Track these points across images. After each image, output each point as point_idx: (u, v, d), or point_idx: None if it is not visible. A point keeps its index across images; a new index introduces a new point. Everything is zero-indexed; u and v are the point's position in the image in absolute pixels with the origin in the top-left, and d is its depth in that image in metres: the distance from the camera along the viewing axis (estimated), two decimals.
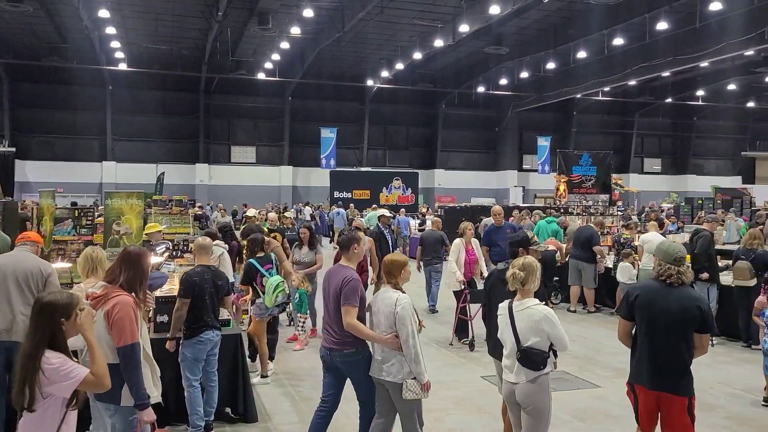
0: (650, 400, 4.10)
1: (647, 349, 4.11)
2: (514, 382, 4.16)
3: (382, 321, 4.38)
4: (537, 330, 4.08)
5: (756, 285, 8.70)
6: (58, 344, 2.99)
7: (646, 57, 23.97)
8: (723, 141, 41.90)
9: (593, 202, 16.68)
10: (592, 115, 38.00)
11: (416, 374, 4.26)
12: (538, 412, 4.12)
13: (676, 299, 4.04)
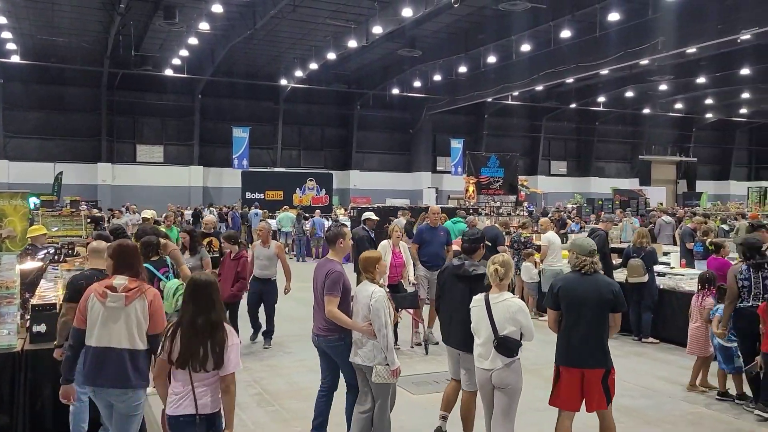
0: (574, 378, 4.58)
1: (571, 332, 4.63)
2: (489, 369, 4.58)
3: (361, 311, 4.81)
4: (513, 320, 4.50)
5: (648, 281, 9.17)
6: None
7: (552, 63, 24.89)
8: (622, 145, 44.26)
9: (501, 202, 17.27)
10: (503, 119, 39.17)
11: (389, 361, 4.67)
12: (514, 392, 4.58)
13: (593, 285, 4.64)
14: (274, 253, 8.74)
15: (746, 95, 34.94)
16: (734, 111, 40.77)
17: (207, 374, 3.59)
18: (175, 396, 3.62)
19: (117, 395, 3.96)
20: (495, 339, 4.50)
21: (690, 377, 7.09)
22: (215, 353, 3.58)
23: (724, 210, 22.52)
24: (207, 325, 3.61)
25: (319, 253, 20.78)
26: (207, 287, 3.71)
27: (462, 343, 4.99)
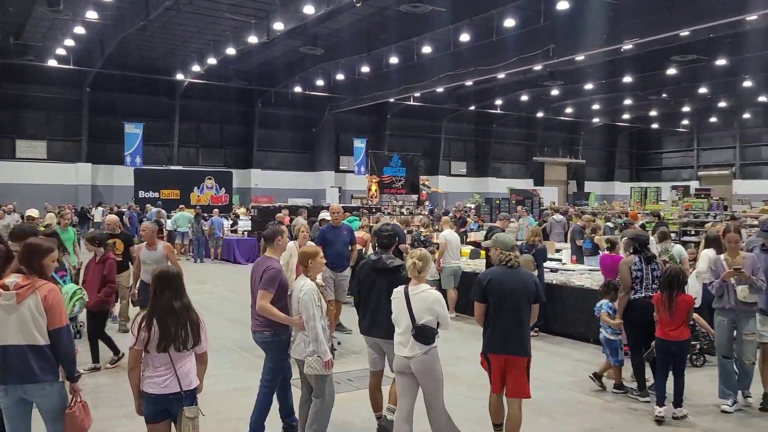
0: (500, 363, 5.03)
1: (497, 322, 5.01)
2: (408, 356, 4.77)
3: (294, 305, 4.96)
4: (431, 310, 4.75)
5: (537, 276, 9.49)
6: None
7: (452, 66, 25.49)
8: (517, 147, 46.16)
9: (403, 201, 17.47)
10: (405, 119, 39.74)
11: (318, 353, 4.78)
12: (434, 377, 4.82)
13: (518, 278, 5.08)
14: (162, 255, 7.99)
15: (628, 102, 37.47)
16: (618, 116, 43.60)
17: (186, 353, 3.99)
18: (159, 378, 3.95)
19: (34, 391, 3.96)
20: (413, 328, 4.72)
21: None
22: (194, 332, 4.00)
23: (610, 209, 23.95)
24: (184, 308, 4.00)
25: (218, 254, 20.16)
26: (177, 276, 4.13)
27: (387, 332, 5.16)
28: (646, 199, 22.73)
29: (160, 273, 4.10)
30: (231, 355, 8.44)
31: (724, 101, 38.27)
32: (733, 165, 45.22)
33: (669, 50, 25.33)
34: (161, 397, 3.94)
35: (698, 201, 18.99)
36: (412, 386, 4.85)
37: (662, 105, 39.38)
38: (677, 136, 48.69)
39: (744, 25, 21.16)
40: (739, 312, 6.20)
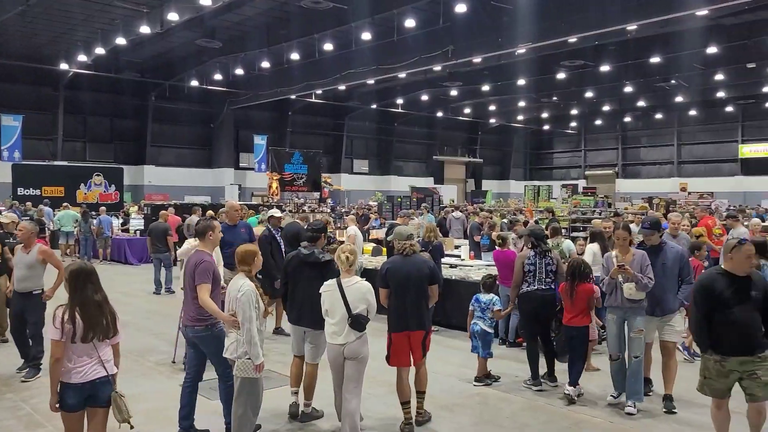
0: (403, 340, 5.63)
1: (399, 304, 5.60)
2: (342, 343, 5.19)
3: (231, 304, 4.95)
4: (364, 299, 5.18)
5: None
6: None
7: (353, 64, 25.51)
8: (418, 146, 46.99)
9: (305, 199, 17.27)
10: (307, 116, 39.38)
11: (251, 355, 4.77)
12: (364, 360, 5.27)
13: (413, 264, 5.69)
14: (36, 259, 7.27)
15: (522, 103, 39.10)
16: (513, 117, 45.41)
17: (106, 342, 4.26)
18: (84, 367, 4.16)
19: None
20: (349, 317, 5.14)
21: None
22: (113, 323, 4.29)
23: (506, 207, 24.89)
24: (104, 300, 4.27)
25: (107, 254, 19.09)
26: (93, 271, 4.35)
27: (314, 322, 5.60)
28: (539, 196, 23.81)
29: (79, 269, 4.28)
30: (120, 361, 7.96)
31: (608, 105, 40.80)
32: (616, 165, 48.36)
33: (559, 55, 26.69)
34: (88, 384, 4.15)
35: (585, 199, 20.12)
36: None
37: (553, 107, 41.45)
38: (567, 137, 51.42)
39: (625, 35, 22.63)
40: (627, 309, 6.23)
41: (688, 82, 32.13)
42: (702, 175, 42.77)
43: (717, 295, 4.74)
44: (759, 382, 4.69)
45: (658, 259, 6.25)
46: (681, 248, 6.62)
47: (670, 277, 6.29)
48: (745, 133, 42.12)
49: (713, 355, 4.80)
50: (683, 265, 6.35)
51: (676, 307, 6.35)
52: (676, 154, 45.24)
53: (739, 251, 4.75)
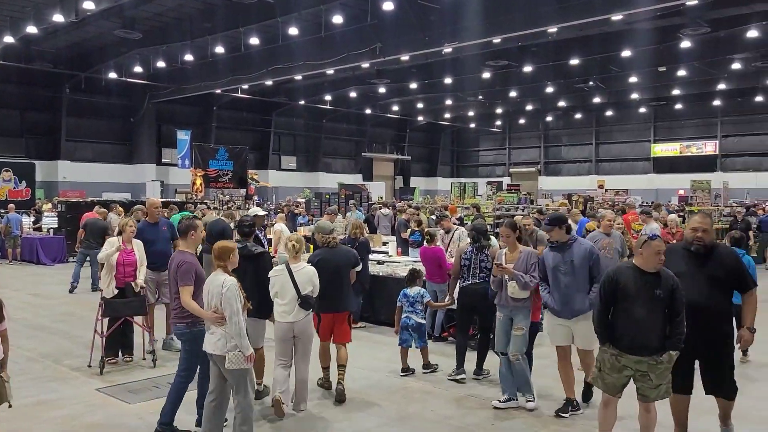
0: (328, 320, 6.44)
1: (327, 289, 6.20)
2: (292, 321, 5.88)
3: (212, 301, 4.99)
4: (311, 282, 5.93)
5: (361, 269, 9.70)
6: None
7: (280, 59, 25.16)
8: (347, 142, 46.96)
9: (231, 196, 16.87)
10: (233, 112, 38.57)
11: (241, 347, 4.87)
12: (311, 336, 6.09)
13: (339, 254, 6.60)
14: None
15: (449, 102, 39.75)
16: (440, 115, 46.10)
17: None
18: None
19: None
20: (299, 298, 5.84)
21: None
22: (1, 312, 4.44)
23: (433, 203, 25.23)
24: None
25: (17, 254, 18.06)
26: None
27: (256, 311, 5.86)
28: (465, 193, 24.28)
29: None
30: (33, 366, 7.59)
31: (530, 105, 42.09)
32: (539, 163, 49.98)
33: (484, 55, 27.28)
34: None
35: (509, 195, 20.67)
36: (289, 349, 6.01)
37: (479, 106, 42.34)
38: (492, 135, 52.69)
39: (546, 37, 23.39)
40: (512, 308, 6.15)
41: (605, 83, 33.58)
42: (618, 173, 44.81)
43: (621, 287, 4.67)
44: (650, 384, 4.65)
45: (566, 257, 5.90)
46: (590, 245, 6.13)
47: (579, 276, 5.88)
48: (657, 134, 44.44)
49: (611, 348, 4.73)
50: (593, 264, 5.91)
51: (585, 308, 5.81)
52: (595, 153, 47.20)
53: (649, 247, 4.67)
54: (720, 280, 4.78)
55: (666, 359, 4.59)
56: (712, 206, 22.47)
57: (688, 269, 4.83)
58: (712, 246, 4.93)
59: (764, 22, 22.08)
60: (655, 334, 4.61)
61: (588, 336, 5.71)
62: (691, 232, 4.93)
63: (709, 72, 29.85)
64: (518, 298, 6.09)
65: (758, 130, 40.35)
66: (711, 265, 4.82)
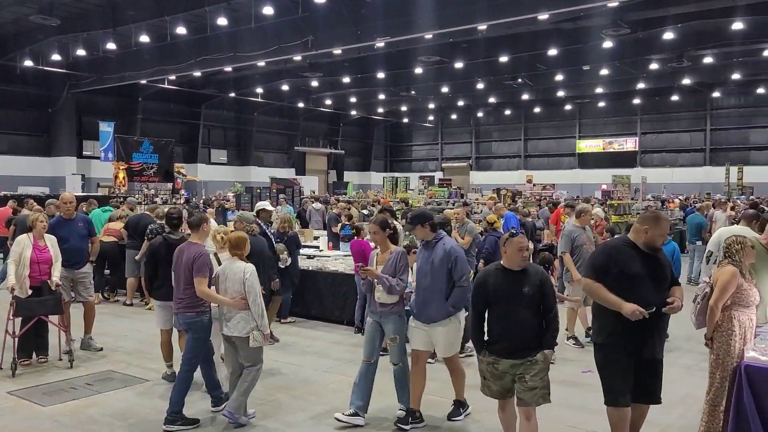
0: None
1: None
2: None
3: (230, 287, 5.38)
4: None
5: (291, 264, 9.62)
6: None
7: (209, 50, 24.50)
8: (279, 136, 46.33)
9: (156, 190, 16.29)
10: (159, 103, 37.33)
11: (262, 327, 5.34)
12: None
13: (260, 242, 7.48)
14: None
15: (382, 96, 39.86)
16: (373, 109, 46.18)
17: None
18: None
19: None
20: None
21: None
22: None
23: (365, 197, 25.25)
24: None
25: None
26: None
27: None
28: (397, 188, 24.43)
29: None
30: None
31: (462, 100, 42.77)
32: (470, 158, 50.90)
33: (416, 50, 27.48)
34: None
35: (440, 190, 20.96)
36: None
37: (411, 101, 42.66)
38: (425, 130, 53.24)
39: (476, 34, 23.78)
40: (380, 313, 5.57)
41: (533, 81, 34.52)
42: (545, 168, 46.24)
43: (491, 291, 4.44)
44: (526, 386, 4.37)
45: (430, 256, 5.44)
46: (453, 245, 5.52)
47: (437, 278, 5.35)
48: (582, 130, 46.10)
49: (487, 356, 4.50)
50: (452, 266, 5.31)
51: (442, 315, 5.33)
52: (523, 149, 48.49)
53: (511, 244, 4.41)
54: (664, 280, 4.48)
55: (541, 358, 4.37)
56: (632, 200, 23.48)
57: (643, 271, 4.38)
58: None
59: (679, 25, 23.24)
60: (530, 333, 4.40)
61: (447, 343, 5.44)
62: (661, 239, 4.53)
63: (629, 72, 31.16)
64: (386, 302, 5.49)
65: (674, 128, 42.53)
66: (659, 265, 4.49)
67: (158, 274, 6.64)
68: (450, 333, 5.43)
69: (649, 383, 4.51)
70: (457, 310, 5.40)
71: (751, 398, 4.39)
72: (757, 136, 40.12)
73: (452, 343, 5.52)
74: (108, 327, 9.16)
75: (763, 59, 28.59)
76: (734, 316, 4.68)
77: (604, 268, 4.41)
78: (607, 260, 4.44)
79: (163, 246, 6.65)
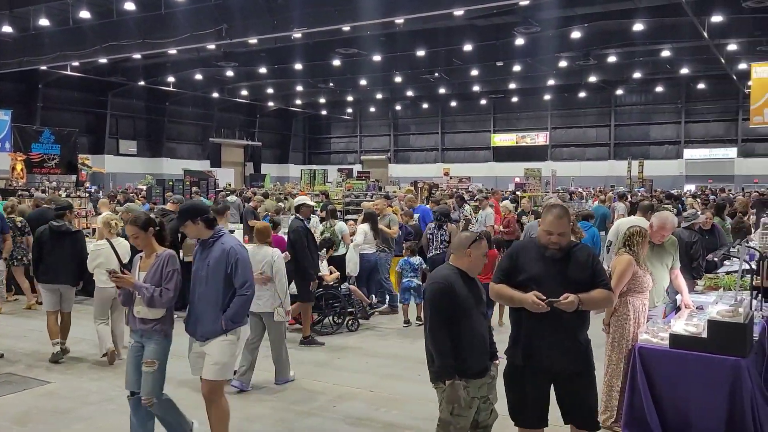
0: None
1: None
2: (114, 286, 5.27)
3: (258, 267, 6.05)
4: (128, 253, 6.52)
5: None
6: None
7: (115, 36, 23.34)
8: (193, 127, 44.93)
9: (59, 182, 15.38)
10: (62, 91, 35.29)
11: (284, 303, 6.29)
12: None
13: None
14: None
15: (300, 88, 39.44)
16: (291, 101, 45.62)
17: None
18: None
19: None
20: (121, 265, 5.38)
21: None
22: None
23: (282, 190, 24.92)
24: None
25: None
26: None
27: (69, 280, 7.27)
28: (315, 180, 24.28)
29: None
30: None
31: (380, 93, 42.97)
32: (389, 151, 51.28)
33: (334, 42, 27.33)
34: None
35: (358, 182, 20.99)
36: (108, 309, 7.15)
37: (330, 93, 42.46)
38: (343, 122, 53.17)
39: (394, 27, 23.94)
40: (142, 332, 4.45)
41: (449, 75, 35.16)
42: (462, 161, 47.28)
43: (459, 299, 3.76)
44: (491, 407, 3.90)
45: (207, 259, 4.50)
46: (234, 244, 4.54)
47: (213, 286, 4.43)
48: (496, 124, 47.46)
49: (462, 380, 3.69)
50: (233, 269, 4.40)
51: (218, 330, 4.39)
52: (440, 142, 49.37)
53: (479, 247, 3.89)
54: (577, 282, 3.76)
55: (494, 370, 3.94)
56: (542, 192, 24.41)
57: (542, 271, 3.81)
58: (570, 247, 3.90)
59: (586, 25, 24.33)
60: (486, 346, 3.91)
61: (216, 362, 4.39)
62: (545, 235, 3.86)
63: (540, 68, 32.33)
64: (147, 318, 4.41)
65: (581, 123, 44.55)
66: (567, 266, 3.82)
67: (43, 259, 7.20)
68: (223, 351, 4.40)
69: (566, 402, 3.87)
70: (236, 324, 4.46)
71: (644, 377, 4.69)
72: (656, 132, 42.68)
73: (224, 363, 4.43)
74: (7, 328, 8.71)
75: (662, 59, 30.41)
76: (629, 301, 4.97)
77: (507, 270, 3.92)
78: (509, 261, 3.96)
79: (47, 233, 7.27)
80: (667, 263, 5.82)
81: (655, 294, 5.66)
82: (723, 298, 5.60)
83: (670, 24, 24.64)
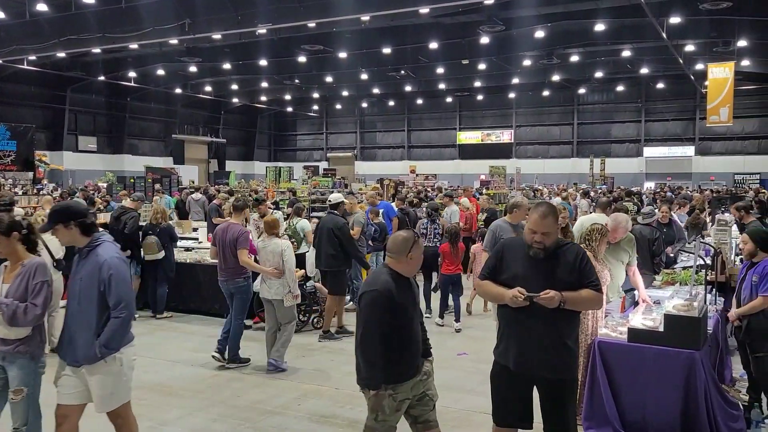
0: None
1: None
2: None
3: (270, 259, 6.82)
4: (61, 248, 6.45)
5: (165, 256, 9.29)
6: None
7: (74, 30, 22.77)
8: (155, 123, 44.08)
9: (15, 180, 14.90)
10: (18, 85, 34.18)
11: (293, 290, 6.81)
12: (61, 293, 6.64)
13: None
14: None
15: (265, 84, 39.05)
16: (256, 98, 45.13)
17: None
18: None
19: None
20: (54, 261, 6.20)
21: None
22: None
23: (248, 187, 24.69)
24: None
25: None
26: None
27: None
28: (281, 178, 24.11)
29: None
30: None
31: (346, 90, 42.84)
32: (355, 148, 51.21)
33: (299, 39, 27.13)
34: None
35: (324, 180, 20.92)
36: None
37: (295, 90, 42.13)
38: (309, 119, 52.86)
39: (360, 24, 23.87)
40: (3, 355, 3.91)
41: (415, 73, 35.24)
42: (428, 159, 47.49)
43: (399, 304, 3.63)
44: (431, 403, 3.79)
45: (80, 272, 3.88)
46: (111, 255, 3.83)
47: (84, 303, 3.79)
48: (462, 122, 47.77)
49: (387, 389, 3.58)
50: (106, 286, 3.74)
51: (91, 356, 3.74)
52: (407, 139, 49.48)
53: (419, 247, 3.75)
54: (563, 282, 3.66)
55: (429, 366, 3.85)
56: (507, 189, 24.67)
57: (526, 270, 3.74)
58: (558, 247, 3.79)
59: (549, 24, 24.65)
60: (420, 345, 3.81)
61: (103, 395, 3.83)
62: (529, 233, 3.76)
63: (504, 67, 32.64)
64: (8, 338, 3.85)
65: (545, 122, 45.16)
66: (554, 265, 3.73)
67: None
68: (105, 384, 3.80)
69: (548, 408, 3.79)
70: (111, 350, 3.76)
71: (603, 371, 4.80)
72: (617, 130, 43.53)
73: (111, 393, 3.84)
74: None
75: (623, 59, 31.00)
76: None
77: (493, 267, 3.88)
78: (495, 259, 3.91)
79: None
80: (623, 260, 5.97)
81: (611, 290, 5.81)
82: (679, 293, 5.74)
83: (630, 24, 25.12)
